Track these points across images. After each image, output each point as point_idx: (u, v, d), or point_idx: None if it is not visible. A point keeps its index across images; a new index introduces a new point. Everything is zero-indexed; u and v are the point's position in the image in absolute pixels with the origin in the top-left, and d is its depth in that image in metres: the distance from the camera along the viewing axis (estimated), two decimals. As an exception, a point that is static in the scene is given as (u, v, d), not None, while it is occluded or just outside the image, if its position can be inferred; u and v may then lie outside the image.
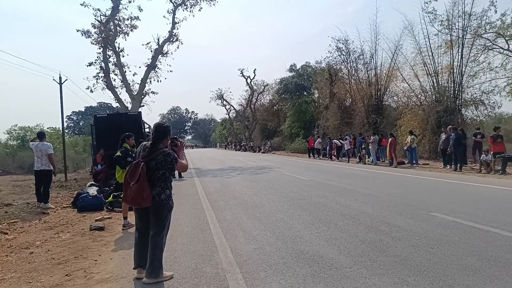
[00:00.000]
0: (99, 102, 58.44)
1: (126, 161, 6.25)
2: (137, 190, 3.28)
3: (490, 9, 17.30)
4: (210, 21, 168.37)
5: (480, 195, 7.46)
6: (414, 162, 15.35)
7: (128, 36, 21.09)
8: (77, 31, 20.09)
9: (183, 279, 3.41)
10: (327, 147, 22.78)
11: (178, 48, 22.71)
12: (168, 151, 3.43)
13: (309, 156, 24.65)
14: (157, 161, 3.37)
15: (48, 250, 4.74)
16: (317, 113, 33.27)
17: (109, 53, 20.35)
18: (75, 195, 8.43)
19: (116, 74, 20.76)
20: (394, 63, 22.59)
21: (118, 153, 6.38)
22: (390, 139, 15.72)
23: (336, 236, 4.64)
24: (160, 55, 21.68)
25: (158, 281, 3.33)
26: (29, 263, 4.15)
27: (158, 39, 21.57)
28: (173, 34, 21.93)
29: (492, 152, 11.64)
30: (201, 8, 22.45)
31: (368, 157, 18.43)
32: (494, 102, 18.22)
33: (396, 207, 6.29)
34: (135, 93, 20.78)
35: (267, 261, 3.77)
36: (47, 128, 39.27)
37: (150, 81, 21.63)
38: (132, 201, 3.35)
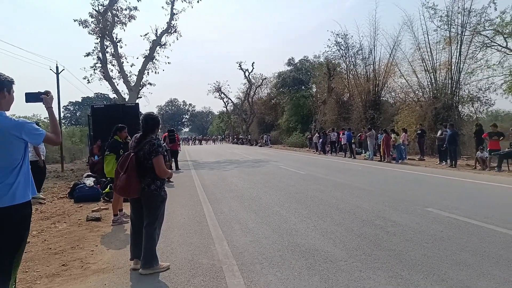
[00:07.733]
0: (96, 93, 57.97)
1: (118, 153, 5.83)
2: (125, 181, 3.32)
3: (490, 6, 17.33)
4: (209, 14, 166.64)
5: (475, 191, 7.53)
6: (400, 158, 15.31)
7: (126, 26, 20.99)
8: (75, 20, 19.87)
9: (180, 270, 3.43)
10: (320, 140, 22.68)
11: (177, 39, 22.77)
12: (153, 141, 3.37)
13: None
14: (144, 151, 3.37)
15: (45, 240, 4.74)
16: (314, 108, 33.24)
17: (107, 43, 20.18)
18: (71, 186, 8.42)
19: (113, 65, 20.68)
20: (393, 59, 22.56)
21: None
22: (383, 135, 15.77)
23: (332, 229, 4.67)
24: (158, 47, 21.52)
25: (154, 272, 3.35)
26: (25, 252, 4.13)
27: (156, 30, 21.40)
28: (172, 25, 21.76)
29: (488, 149, 11.77)
30: (199, -1, 22.16)
31: (364, 152, 18.50)
32: (488, 99, 18.38)
33: (392, 202, 6.34)
34: (133, 84, 20.65)
35: (263, 254, 3.80)
36: (44, 118, 38.79)
37: (148, 72, 21.54)
38: (120, 191, 3.41)
